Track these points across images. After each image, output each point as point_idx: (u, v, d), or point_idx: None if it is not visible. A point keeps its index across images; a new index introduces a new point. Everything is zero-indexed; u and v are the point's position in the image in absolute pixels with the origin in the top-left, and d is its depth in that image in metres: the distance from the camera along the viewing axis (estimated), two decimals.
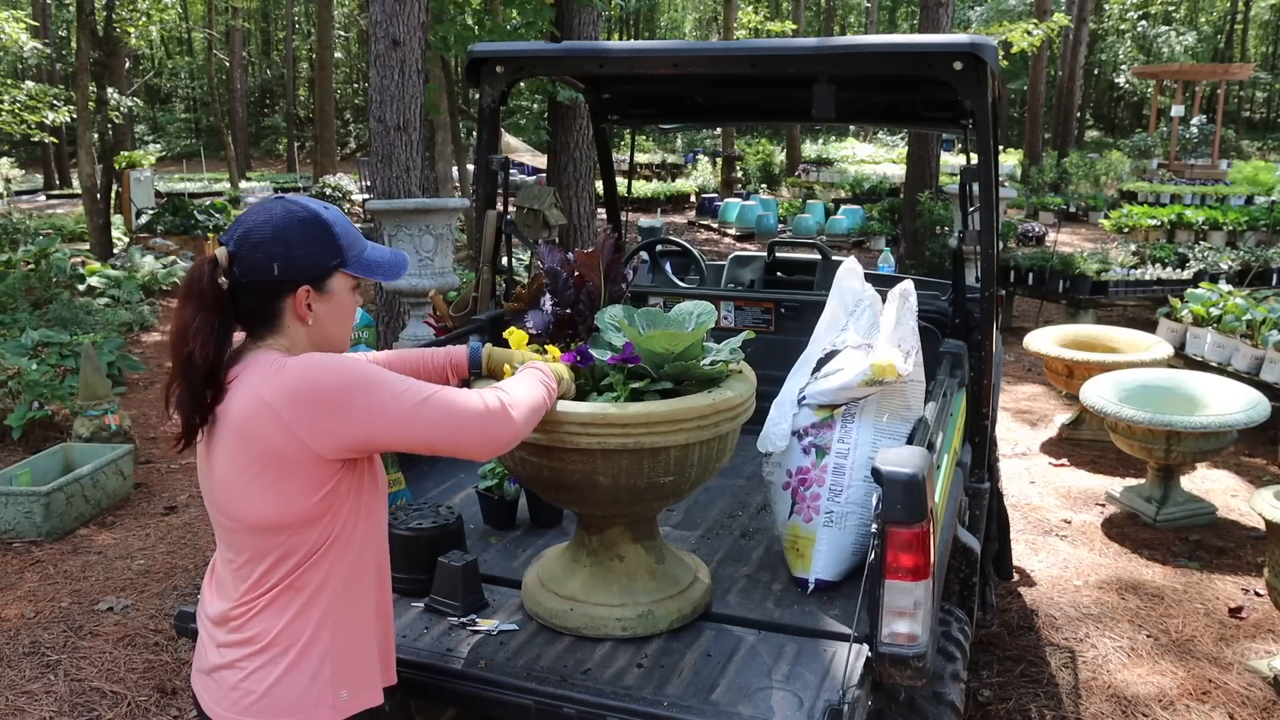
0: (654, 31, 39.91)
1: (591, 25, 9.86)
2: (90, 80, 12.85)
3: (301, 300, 1.63)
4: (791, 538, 2.51)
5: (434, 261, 5.87)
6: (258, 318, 1.64)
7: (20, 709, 3.45)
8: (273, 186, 21.86)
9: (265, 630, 1.64)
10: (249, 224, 1.63)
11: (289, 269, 1.61)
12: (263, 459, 1.57)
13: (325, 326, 1.68)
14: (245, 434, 1.57)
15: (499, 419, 1.70)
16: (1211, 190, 16.20)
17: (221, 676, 1.68)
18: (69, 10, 25.36)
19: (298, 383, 1.56)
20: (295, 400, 1.55)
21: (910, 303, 2.55)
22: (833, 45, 3.02)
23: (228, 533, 1.66)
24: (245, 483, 1.59)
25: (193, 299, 1.59)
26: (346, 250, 1.67)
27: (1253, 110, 41.24)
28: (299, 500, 1.60)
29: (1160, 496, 5.10)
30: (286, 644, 1.64)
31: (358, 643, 1.73)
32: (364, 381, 1.59)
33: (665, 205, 19.06)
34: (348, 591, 1.70)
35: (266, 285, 1.61)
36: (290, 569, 1.64)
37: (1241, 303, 6.63)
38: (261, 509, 1.60)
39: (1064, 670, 3.72)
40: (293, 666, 1.64)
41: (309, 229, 1.63)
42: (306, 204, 1.67)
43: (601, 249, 2.35)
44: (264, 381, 1.57)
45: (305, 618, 1.65)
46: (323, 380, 1.57)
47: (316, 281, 1.64)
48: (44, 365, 6.35)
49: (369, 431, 1.59)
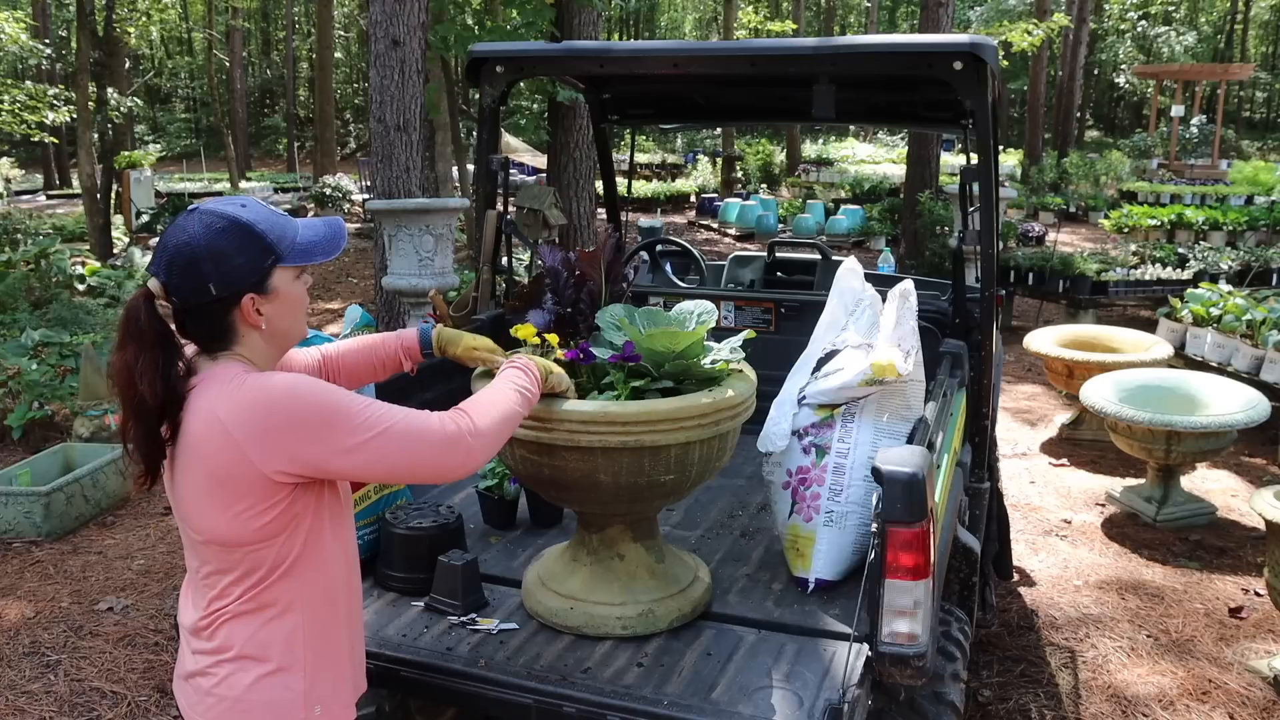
0: (654, 31, 39.91)
1: (591, 25, 9.86)
2: (90, 80, 12.86)
3: (249, 309, 1.57)
4: (791, 537, 2.51)
5: (434, 261, 5.87)
6: (209, 337, 1.59)
7: (20, 709, 3.45)
8: (273, 186, 21.86)
9: (234, 640, 1.62)
10: (171, 248, 1.54)
11: (226, 284, 1.54)
12: (214, 476, 1.53)
13: (278, 324, 1.62)
14: (199, 450, 1.53)
15: (456, 450, 1.62)
16: (1211, 190, 16.20)
17: (195, 683, 1.66)
18: (69, 10, 25.36)
19: (254, 403, 1.51)
20: (248, 421, 1.50)
21: (910, 303, 2.55)
22: (833, 45, 3.02)
23: (192, 544, 1.64)
24: (199, 497, 1.55)
25: (132, 339, 1.52)
26: (278, 245, 1.58)
27: (1253, 110, 41.24)
28: (250, 520, 1.55)
29: (1160, 496, 5.10)
30: (256, 653, 1.62)
31: (332, 658, 1.70)
32: (322, 410, 1.53)
33: (665, 205, 19.05)
34: (320, 608, 1.67)
35: (208, 306, 1.55)
36: (254, 584, 1.60)
37: (1241, 303, 6.63)
38: (215, 524, 1.56)
39: (1064, 670, 3.73)
40: (264, 678, 1.62)
41: (233, 237, 1.54)
42: (222, 210, 1.57)
43: (602, 249, 2.35)
44: (220, 398, 1.53)
45: (275, 631, 1.62)
46: (278, 404, 1.51)
47: (258, 286, 1.57)
48: (44, 365, 6.35)
49: (320, 460, 1.54)
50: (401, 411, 1.60)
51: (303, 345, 2.49)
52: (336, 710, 1.71)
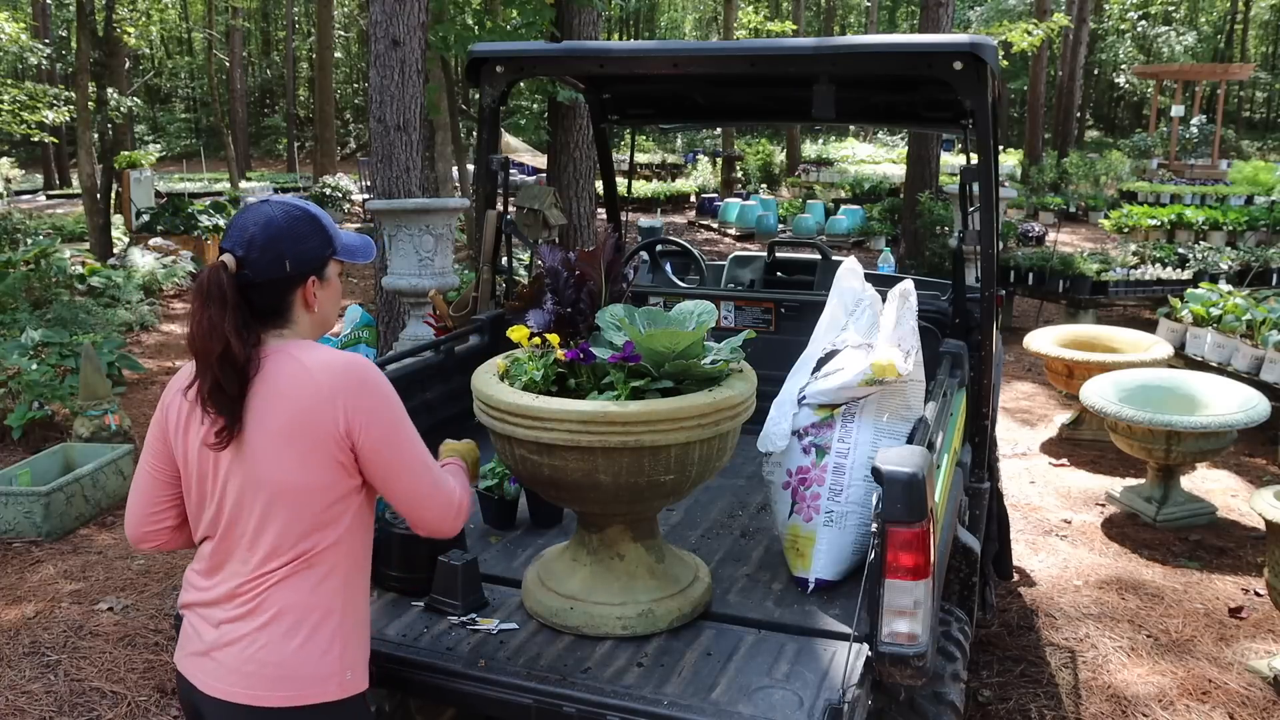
0: (654, 31, 39.91)
1: (591, 25, 9.86)
2: (90, 80, 12.86)
3: (310, 289, 1.79)
4: (791, 537, 2.51)
5: (434, 261, 5.87)
6: (270, 312, 1.77)
7: (20, 709, 3.45)
8: (273, 186, 21.86)
9: (280, 603, 1.72)
10: (252, 229, 1.75)
11: (299, 263, 1.76)
12: (298, 423, 1.69)
13: (324, 308, 1.84)
14: (284, 400, 1.70)
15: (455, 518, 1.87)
16: (1211, 190, 16.20)
17: (224, 654, 1.72)
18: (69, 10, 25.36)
19: (349, 366, 1.74)
20: (344, 377, 1.72)
21: (910, 303, 2.55)
22: (833, 45, 3.02)
23: (251, 502, 1.72)
24: (279, 446, 1.69)
25: (213, 301, 1.68)
26: (335, 239, 1.83)
27: (1253, 110, 41.24)
28: (324, 471, 1.72)
29: (1160, 496, 5.10)
30: (301, 616, 1.73)
31: (360, 627, 1.84)
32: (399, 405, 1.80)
33: (665, 205, 19.05)
34: (355, 576, 1.82)
35: (280, 281, 1.75)
36: (312, 544, 1.73)
37: (1241, 303, 6.63)
38: (291, 472, 1.70)
39: (1064, 670, 3.73)
40: (308, 639, 1.73)
41: (307, 225, 1.78)
42: (296, 203, 1.82)
43: (602, 249, 2.35)
44: (308, 357, 1.73)
45: (320, 594, 1.75)
46: (373, 376, 1.76)
47: (319, 270, 1.80)
48: (44, 365, 6.35)
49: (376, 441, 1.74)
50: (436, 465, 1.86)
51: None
52: (361, 679, 1.82)
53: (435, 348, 3.43)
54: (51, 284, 8.86)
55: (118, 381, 6.86)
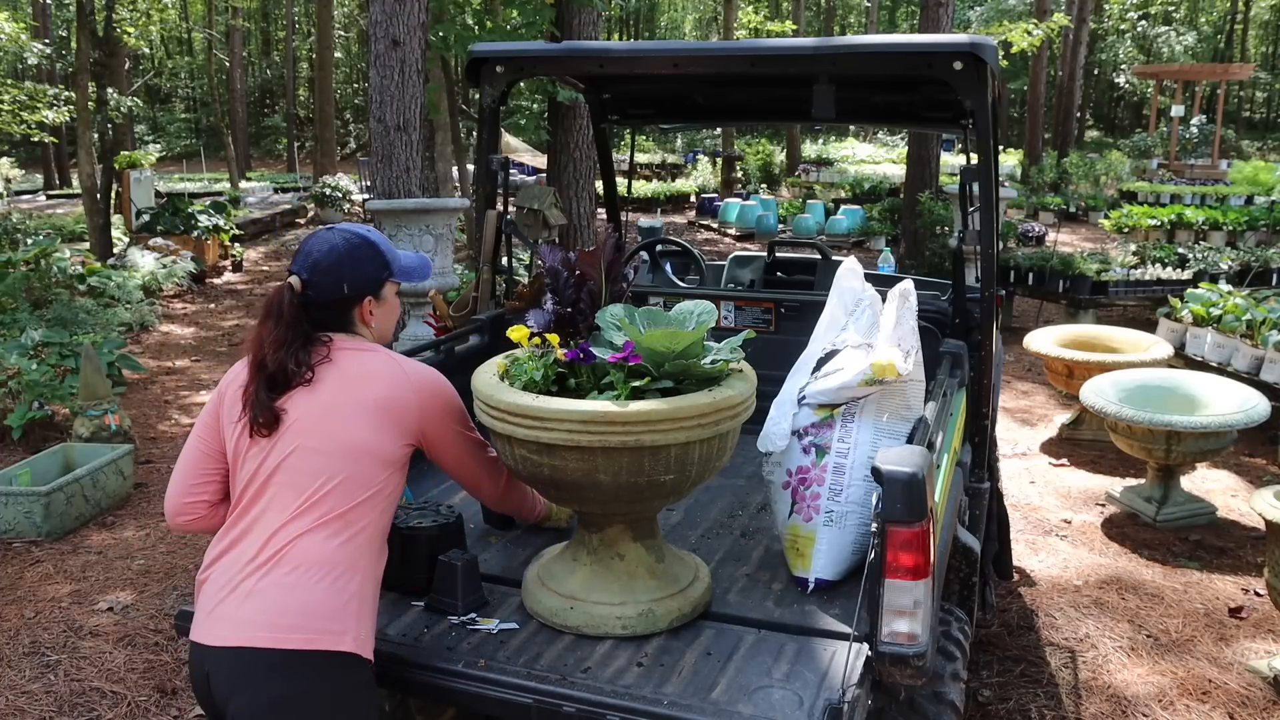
0: (654, 31, 39.91)
1: (591, 25, 9.86)
2: (90, 80, 12.85)
3: (366, 309, 2.06)
4: (791, 537, 2.51)
5: (434, 261, 5.87)
6: (333, 327, 2.04)
7: (20, 709, 3.45)
8: (273, 186, 21.84)
9: (308, 553, 1.87)
10: (316, 254, 2.01)
11: (356, 286, 2.02)
12: (381, 400, 1.97)
13: (381, 324, 2.11)
14: (367, 381, 1.97)
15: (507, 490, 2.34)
16: (1211, 190, 16.20)
17: (245, 606, 1.85)
18: (69, 10, 25.36)
19: (431, 373, 2.09)
20: (428, 378, 2.07)
21: (910, 302, 2.55)
22: (833, 45, 3.02)
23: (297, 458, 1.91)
24: (357, 414, 1.94)
25: (271, 316, 1.95)
26: (392, 263, 2.08)
27: (1253, 110, 41.24)
28: (391, 441, 1.99)
29: (1160, 496, 5.10)
30: (328, 567, 1.88)
31: (374, 593, 1.99)
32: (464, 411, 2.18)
33: (665, 205, 19.05)
34: (378, 539, 2.01)
35: (339, 301, 2.02)
36: (348, 498, 1.92)
37: (1241, 303, 6.63)
38: (363, 435, 1.95)
39: (1064, 670, 3.73)
40: (331, 587, 1.87)
41: (366, 250, 2.04)
42: (357, 230, 2.06)
43: (602, 248, 2.35)
44: (407, 363, 2.07)
45: (347, 550, 1.91)
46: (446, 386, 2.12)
47: (376, 291, 2.06)
48: (44, 365, 6.35)
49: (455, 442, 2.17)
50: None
51: None
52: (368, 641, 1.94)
53: (435, 348, 3.43)
54: (51, 284, 8.85)
55: (118, 381, 6.86)
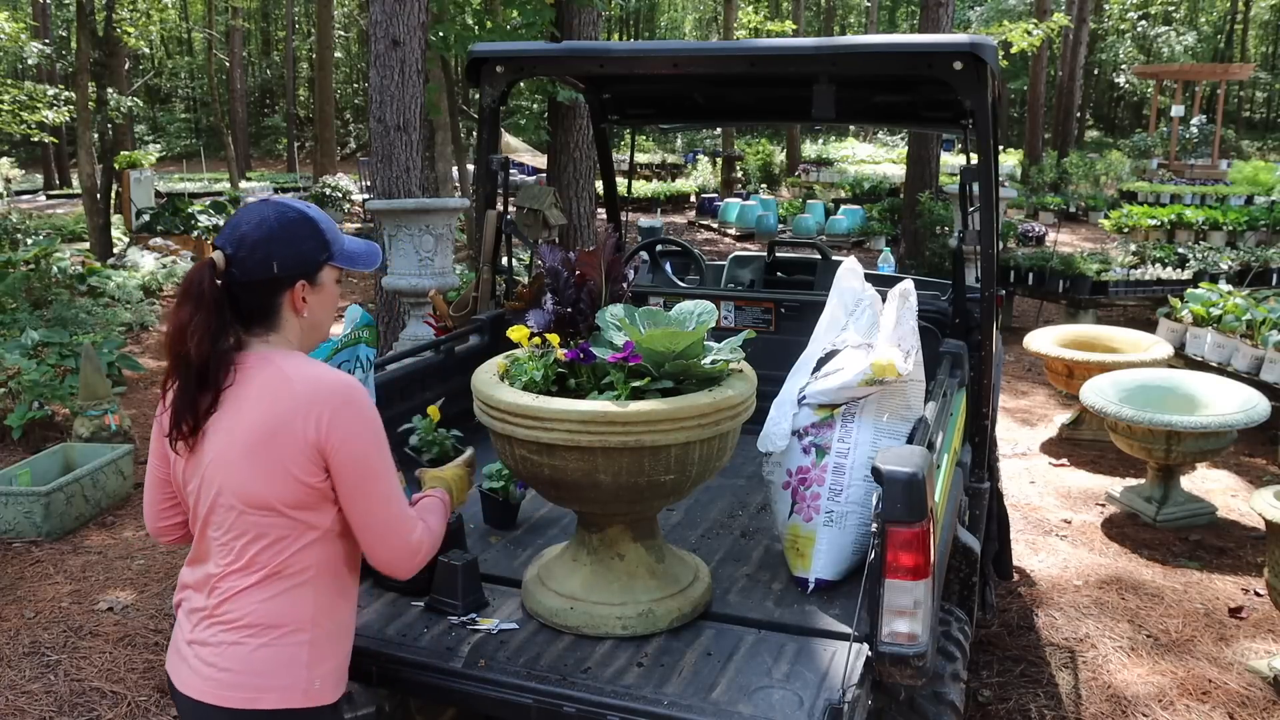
0: (654, 31, 39.91)
1: (591, 25, 9.86)
2: (90, 80, 12.86)
3: (299, 294, 1.76)
4: (791, 537, 2.51)
5: (434, 261, 5.87)
6: (257, 314, 1.75)
7: (20, 709, 3.45)
8: (273, 186, 21.86)
9: (245, 609, 1.70)
10: (244, 227, 1.73)
11: (287, 266, 1.73)
12: (269, 430, 1.66)
13: (316, 315, 1.81)
14: (258, 405, 1.68)
15: (408, 560, 1.81)
16: (1211, 190, 16.19)
17: (198, 652, 1.72)
18: (69, 10, 25.36)
19: (335, 381, 1.71)
20: (328, 390, 1.69)
21: (910, 302, 2.55)
22: (833, 45, 3.02)
23: (220, 510, 1.71)
24: (248, 454, 1.67)
25: (190, 299, 1.67)
26: (332, 244, 1.80)
27: (1253, 110, 41.23)
28: (293, 483, 1.68)
29: (1160, 496, 5.10)
30: (267, 624, 1.70)
31: (336, 637, 1.79)
32: (380, 429, 1.76)
33: (665, 205, 19.05)
34: (331, 587, 1.78)
35: (266, 283, 1.72)
36: (279, 552, 1.70)
37: (1241, 303, 6.63)
38: (257, 483, 1.67)
39: (1064, 670, 3.73)
40: (271, 645, 1.70)
41: (301, 228, 1.76)
42: (294, 204, 1.79)
43: (602, 248, 2.35)
44: (290, 365, 1.71)
45: (287, 603, 1.71)
46: (358, 394, 1.73)
47: (310, 275, 1.77)
48: (44, 365, 6.35)
49: (352, 461, 1.70)
50: (404, 499, 1.82)
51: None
52: (331, 689, 1.78)
53: (435, 348, 3.43)
54: (51, 284, 8.86)
55: (118, 381, 6.86)
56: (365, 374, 2.58)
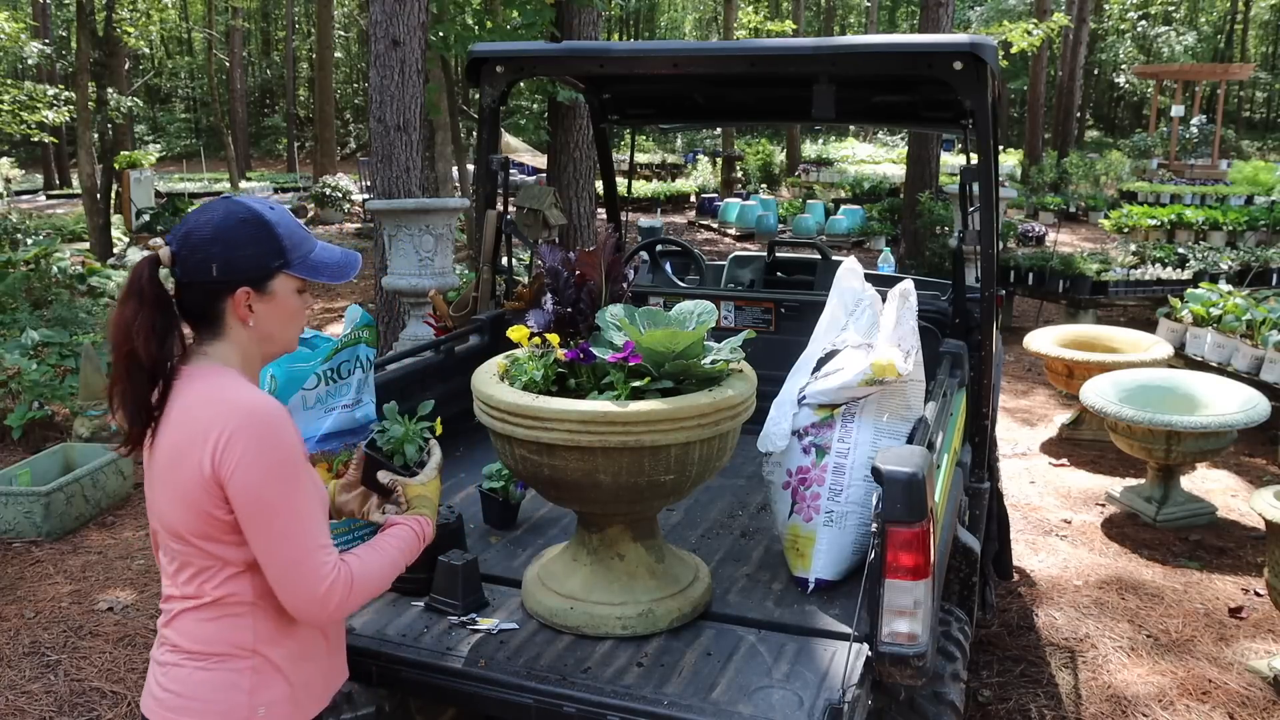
0: (654, 31, 39.90)
1: (591, 25, 9.86)
2: (90, 80, 12.87)
3: (241, 301, 1.61)
4: (791, 537, 2.51)
5: (434, 261, 5.88)
6: (200, 318, 1.63)
7: (20, 709, 3.46)
8: (273, 186, 21.87)
9: (185, 633, 1.63)
10: (191, 224, 1.61)
11: (227, 270, 1.59)
12: (175, 467, 1.56)
13: (267, 327, 1.65)
14: (172, 433, 1.57)
15: (314, 610, 1.60)
16: (1211, 190, 16.20)
17: (153, 672, 1.68)
18: (69, 10, 25.36)
19: (250, 421, 1.54)
20: (238, 432, 1.53)
21: (910, 302, 2.55)
22: (833, 45, 3.02)
23: (159, 533, 1.66)
24: (165, 483, 1.59)
25: (133, 296, 1.57)
26: (289, 251, 1.63)
27: (1253, 110, 41.23)
28: (195, 519, 1.57)
29: (1160, 496, 5.10)
30: (205, 649, 1.62)
31: (290, 665, 1.67)
32: (291, 462, 1.56)
33: (665, 205, 19.05)
34: (278, 614, 1.64)
35: (207, 286, 1.59)
36: (205, 580, 1.61)
37: (1241, 303, 6.63)
38: (174, 513, 1.58)
39: (1064, 670, 3.73)
40: (210, 670, 1.61)
41: (250, 229, 1.60)
42: (250, 204, 1.64)
43: (602, 248, 2.35)
44: (208, 397, 1.57)
45: (226, 627, 1.62)
46: (265, 435, 1.54)
47: (257, 283, 1.61)
48: (44, 365, 6.35)
49: (245, 495, 1.54)
50: (318, 537, 1.59)
51: (302, 345, 2.50)
52: (283, 714, 1.66)
53: (435, 348, 3.43)
54: (51, 284, 8.85)
55: None
56: (365, 374, 2.58)
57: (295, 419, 2.45)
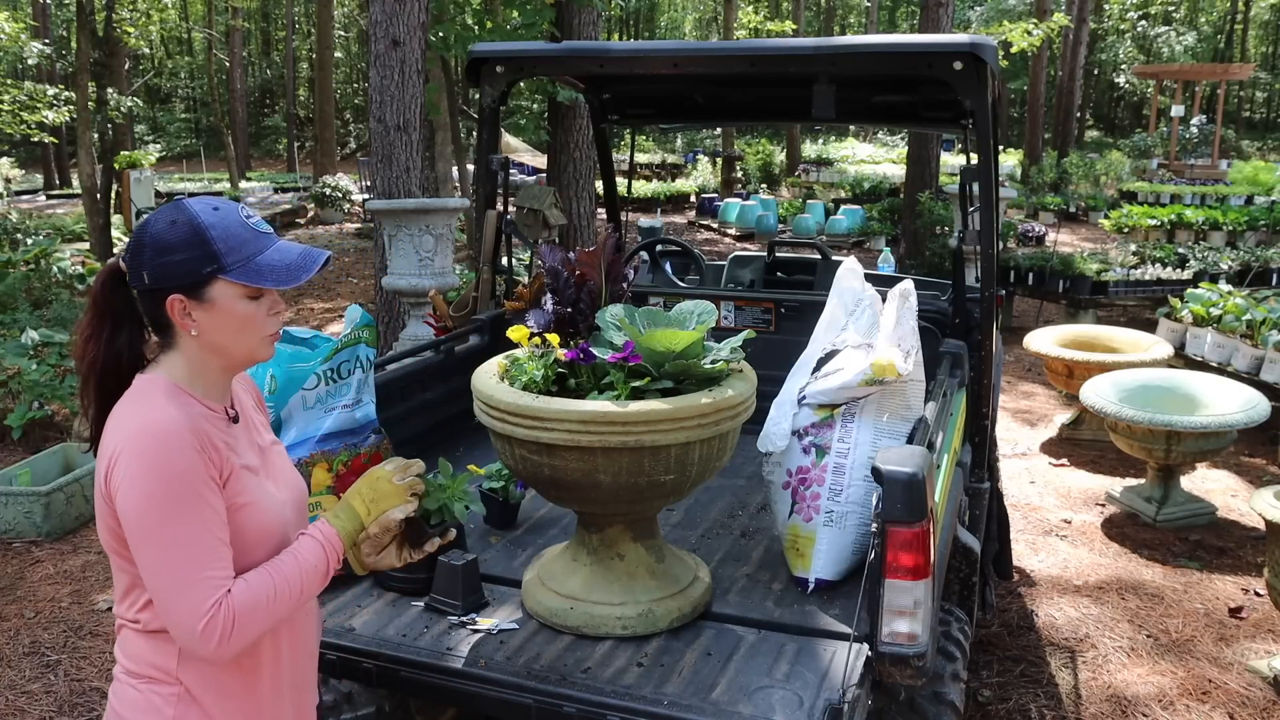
0: (654, 31, 39.90)
1: (591, 25, 9.87)
2: (90, 80, 12.87)
3: (176, 309, 1.53)
4: (791, 537, 2.51)
5: (434, 261, 5.88)
6: (155, 325, 1.59)
7: (20, 709, 3.46)
8: (273, 186, 21.87)
9: (124, 648, 1.60)
10: (138, 231, 1.57)
11: (157, 277, 1.52)
12: (97, 483, 1.52)
13: (213, 337, 1.55)
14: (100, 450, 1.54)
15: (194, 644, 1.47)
16: (1211, 190, 16.20)
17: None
18: (69, 10, 25.37)
19: (132, 439, 1.47)
20: (120, 450, 1.47)
21: (910, 302, 2.55)
22: (833, 45, 3.02)
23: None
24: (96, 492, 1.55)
25: (92, 306, 1.57)
26: (225, 256, 1.52)
27: (1253, 110, 41.24)
28: (110, 538, 1.53)
29: (1160, 496, 5.10)
30: (133, 668, 1.58)
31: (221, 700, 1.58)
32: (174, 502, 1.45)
33: (665, 205, 19.05)
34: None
35: (143, 293, 1.55)
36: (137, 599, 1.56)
37: (1241, 303, 6.63)
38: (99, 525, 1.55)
39: (1064, 670, 3.73)
40: (136, 687, 1.57)
41: (181, 235, 1.52)
42: (188, 208, 1.55)
43: (602, 249, 2.35)
44: (120, 411, 1.53)
45: (151, 647, 1.56)
46: (148, 458, 1.46)
47: (190, 290, 1.52)
48: (44, 365, 6.35)
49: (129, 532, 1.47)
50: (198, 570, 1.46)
51: (302, 345, 2.49)
52: None
53: (435, 348, 3.43)
54: (51, 284, 8.85)
55: None
56: (365, 374, 2.59)
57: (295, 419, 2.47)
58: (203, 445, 1.50)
